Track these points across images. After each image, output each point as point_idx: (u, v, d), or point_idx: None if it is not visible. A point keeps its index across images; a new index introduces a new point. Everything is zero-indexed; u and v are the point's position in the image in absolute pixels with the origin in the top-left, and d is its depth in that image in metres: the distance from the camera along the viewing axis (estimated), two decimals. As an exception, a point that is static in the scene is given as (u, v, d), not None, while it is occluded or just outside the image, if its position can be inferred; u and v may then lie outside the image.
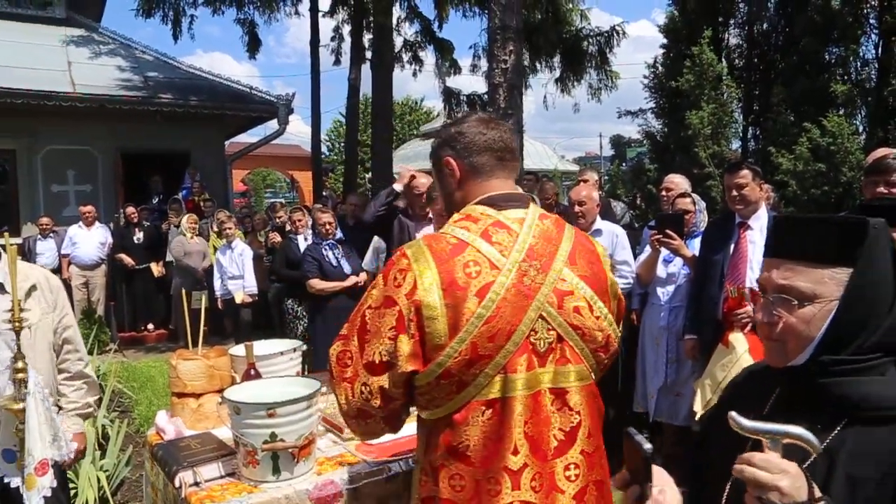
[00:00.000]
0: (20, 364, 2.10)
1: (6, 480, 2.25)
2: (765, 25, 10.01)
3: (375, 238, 6.22)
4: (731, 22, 10.13)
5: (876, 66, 8.59)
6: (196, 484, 2.12)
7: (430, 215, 4.73)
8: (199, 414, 2.63)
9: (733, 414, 1.01)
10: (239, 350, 2.77)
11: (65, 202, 10.38)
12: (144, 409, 5.73)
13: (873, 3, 8.44)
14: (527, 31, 11.35)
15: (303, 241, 6.67)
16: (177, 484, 2.14)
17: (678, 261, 4.15)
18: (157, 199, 10.90)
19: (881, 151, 3.29)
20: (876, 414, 1.02)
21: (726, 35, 10.17)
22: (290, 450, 2.09)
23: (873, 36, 8.61)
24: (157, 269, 9.44)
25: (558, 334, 1.49)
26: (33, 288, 2.50)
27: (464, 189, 1.63)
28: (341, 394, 1.51)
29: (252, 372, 2.59)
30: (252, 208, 16.99)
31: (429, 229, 4.72)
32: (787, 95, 8.90)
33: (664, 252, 4.14)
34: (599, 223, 4.38)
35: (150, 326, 9.60)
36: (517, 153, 1.68)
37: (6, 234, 2.21)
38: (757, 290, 1.21)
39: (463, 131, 1.63)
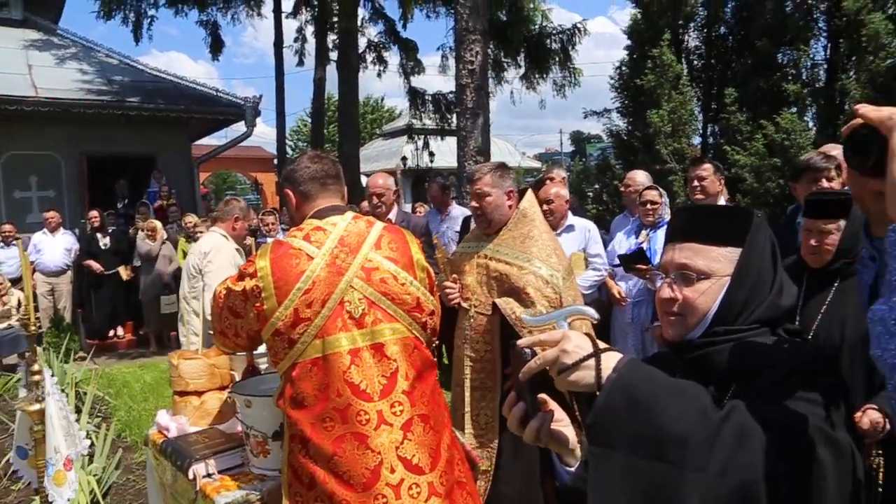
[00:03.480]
0: (36, 367, 2.18)
1: (20, 475, 2.32)
2: (722, 29, 10.45)
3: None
4: (691, 25, 10.55)
5: (825, 66, 9.12)
6: (209, 475, 2.24)
7: (390, 215, 4.86)
8: (202, 411, 2.72)
9: (521, 315, 1.17)
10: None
11: (28, 208, 10.20)
12: (124, 415, 5.74)
13: (822, 8, 8.91)
14: (492, 30, 11.54)
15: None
16: (190, 476, 2.25)
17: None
18: (122, 204, 10.79)
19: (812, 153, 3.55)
20: (749, 371, 1.15)
21: (686, 37, 10.58)
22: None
23: (822, 39, 9.14)
24: (125, 273, 9.33)
25: (369, 301, 1.96)
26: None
27: (300, 210, 2.17)
28: (215, 312, 2.08)
29: (251, 369, 2.71)
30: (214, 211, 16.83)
31: None
32: (742, 95, 9.36)
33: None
34: (571, 219, 4.53)
35: (120, 332, 9.50)
36: (340, 177, 2.22)
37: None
38: None
39: (295, 168, 2.19)
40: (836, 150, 3.34)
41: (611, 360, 1.04)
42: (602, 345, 1.07)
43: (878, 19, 7.60)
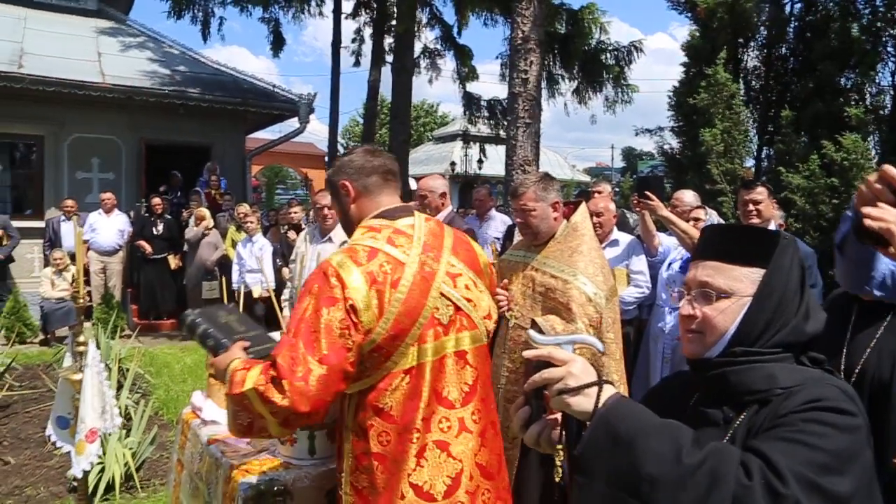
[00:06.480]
0: (81, 338, 2.26)
1: (58, 445, 2.40)
2: (783, 49, 10.20)
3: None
4: (752, 44, 10.33)
5: (892, 93, 8.80)
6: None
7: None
8: (234, 395, 2.78)
9: (530, 332, 1.21)
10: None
11: (88, 189, 10.60)
12: (163, 393, 5.91)
13: (892, 31, 8.62)
14: (549, 41, 11.50)
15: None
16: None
17: (676, 264, 4.26)
18: (175, 195, 11.06)
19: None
20: (764, 396, 1.15)
21: (745, 56, 10.38)
22: (325, 430, 2.23)
23: (890, 64, 8.84)
24: (174, 261, 9.60)
25: (456, 306, 1.89)
26: (346, 241, 4.45)
27: (360, 205, 2.01)
28: (294, 393, 1.65)
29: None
30: (263, 203, 17.20)
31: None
32: (800, 118, 9.10)
33: (661, 248, 4.29)
34: (616, 234, 4.50)
35: (164, 314, 9.77)
36: (398, 175, 2.07)
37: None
38: None
39: (353, 159, 2.03)
40: None
41: (606, 393, 1.09)
42: (605, 377, 1.13)
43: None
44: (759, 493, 0.96)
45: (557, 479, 1.23)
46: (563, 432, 1.17)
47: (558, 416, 1.19)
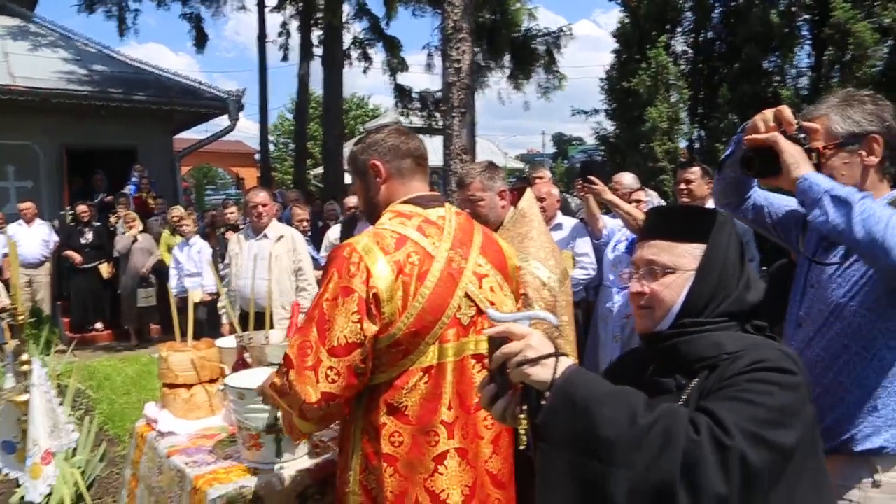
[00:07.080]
0: (24, 357, 2.14)
1: (5, 471, 2.28)
2: (709, 34, 10.62)
3: (330, 231, 6.65)
4: (679, 30, 10.72)
5: (810, 74, 9.30)
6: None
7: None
8: (191, 404, 2.69)
9: (489, 310, 1.29)
10: (227, 342, 2.85)
11: (5, 199, 10.01)
12: (106, 407, 5.68)
13: (807, 16, 9.09)
14: (479, 30, 11.55)
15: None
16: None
17: (622, 245, 4.38)
18: (99, 197, 10.57)
19: None
20: (713, 362, 1.24)
21: (673, 41, 10.75)
22: (292, 432, 2.19)
23: (806, 46, 9.35)
24: (106, 270, 9.19)
25: (478, 308, 1.81)
26: (283, 236, 4.81)
27: (390, 186, 1.89)
28: (304, 382, 1.65)
29: (241, 362, 2.69)
30: (195, 205, 16.67)
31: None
32: (731, 99, 9.50)
33: (606, 230, 4.41)
34: (560, 218, 4.57)
35: (99, 326, 9.37)
36: (428, 160, 1.98)
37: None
38: None
39: (386, 139, 1.90)
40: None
41: (563, 364, 1.16)
42: (560, 350, 1.18)
43: (864, 28, 7.77)
44: (707, 446, 1.04)
45: (521, 447, 1.28)
46: (525, 403, 1.22)
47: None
